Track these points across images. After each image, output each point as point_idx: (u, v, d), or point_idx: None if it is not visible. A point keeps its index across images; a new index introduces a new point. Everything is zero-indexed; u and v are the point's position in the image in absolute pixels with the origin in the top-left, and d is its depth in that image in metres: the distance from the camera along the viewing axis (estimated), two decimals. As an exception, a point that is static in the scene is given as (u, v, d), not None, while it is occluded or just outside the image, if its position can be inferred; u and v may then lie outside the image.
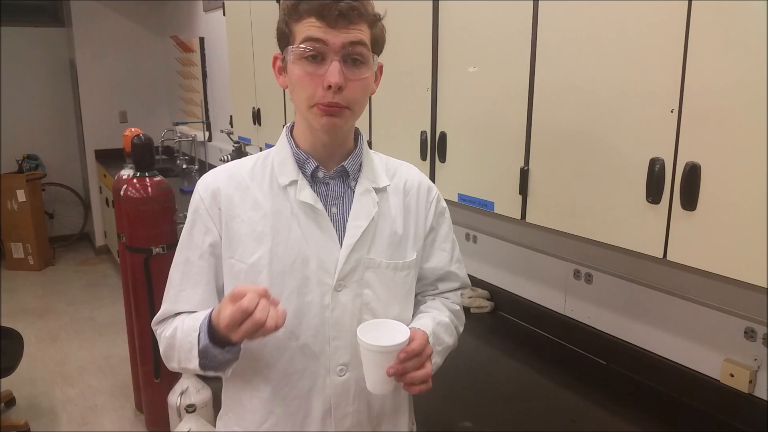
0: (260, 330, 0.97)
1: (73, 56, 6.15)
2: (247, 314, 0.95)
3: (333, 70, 1.04)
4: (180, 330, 1.13)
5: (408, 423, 1.32)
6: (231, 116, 3.87)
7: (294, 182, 1.15)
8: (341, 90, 1.05)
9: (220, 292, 1.19)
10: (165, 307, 1.21)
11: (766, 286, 1.08)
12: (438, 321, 1.23)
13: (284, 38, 1.10)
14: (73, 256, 6.47)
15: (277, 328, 0.97)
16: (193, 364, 1.10)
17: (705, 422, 1.56)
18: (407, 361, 1.05)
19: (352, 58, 1.06)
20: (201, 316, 1.11)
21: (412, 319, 1.25)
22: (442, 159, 1.86)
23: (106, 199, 5.78)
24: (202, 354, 1.08)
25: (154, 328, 1.24)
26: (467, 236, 2.43)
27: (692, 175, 1.16)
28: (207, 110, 5.30)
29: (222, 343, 1.06)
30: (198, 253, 1.17)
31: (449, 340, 1.26)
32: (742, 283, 1.13)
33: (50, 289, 5.54)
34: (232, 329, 0.98)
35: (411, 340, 1.07)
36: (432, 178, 1.90)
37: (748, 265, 1.11)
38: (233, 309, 0.96)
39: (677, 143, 1.19)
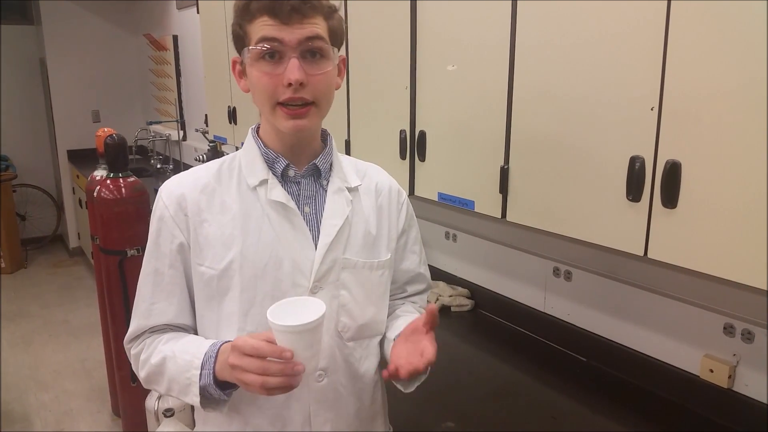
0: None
1: (44, 55, 6.03)
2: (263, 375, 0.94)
3: (292, 68, 1.01)
4: (172, 362, 1.08)
5: (384, 425, 1.32)
6: (206, 115, 3.83)
7: (264, 182, 1.12)
8: (303, 86, 1.02)
9: (192, 301, 1.16)
10: (137, 323, 1.16)
11: (747, 284, 1.09)
12: None
13: (240, 40, 1.07)
14: (46, 259, 6.36)
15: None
16: (193, 400, 1.06)
17: (685, 417, 1.57)
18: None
19: (311, 53, 1.03)
20: (195, 347, 1.07)
21: (390, 322, 1.24)
22: (422, 158, 1.85)
23: (80, 200, 5.68)
24: (202, 392, 1.05)
25: (126, 347, 1.19)
26: (447, 235, 2.42)
27: (672, 172, 1.16)
28: (181, 109, 5.23)
29: (222, 384, 1.04)
30: (167, 263, 1.13)
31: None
32: (721, 279, 1.13)
33: (23, 292, 5.44)
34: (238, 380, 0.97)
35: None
36: (411, 177, 1.89)
37: (730, 262, 1.11)
38: (253, 368, 0.94)
39: (657, 141, 1.19)
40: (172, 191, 1.13)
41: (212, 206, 1.12)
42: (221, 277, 1.10)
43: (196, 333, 1.17)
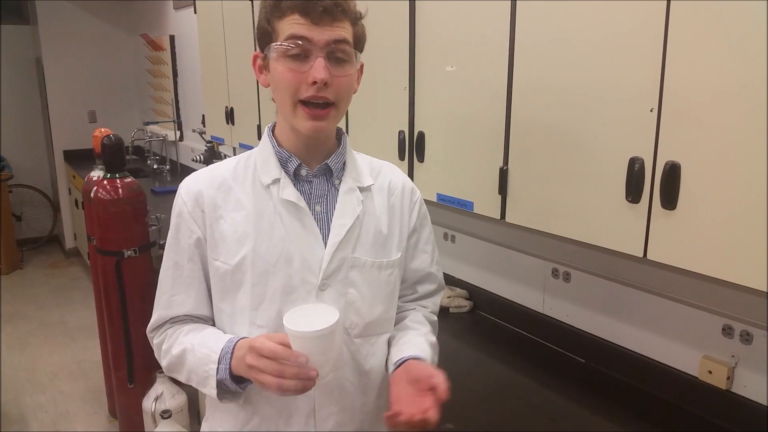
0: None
1: (40, 54, 6.01)
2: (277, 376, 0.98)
3: (318, 67, 1.03)
4: (191, 354, 1.13)
5: None
6: (203, 115, 3.82)
7: (276, 181, 1.15)
8: (326, 86, 1.05)
9: (210, 293, 1.19)
10: (159, 314, 1.20)
11: (746, 285, 1.09)
12: (430, 342, 1.25)
13: (266, 36, 1.09)
14: (43, 259, 6.34)
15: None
16: (210, 392, 1.10)
17: (683, 418, 1.57)
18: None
19: (336, 56, 1.06)
20: (213, 341, 1.11)
21: (397, 336, 1.26)
22: (421, 159, 1.85)
23: (76, 201, 5.67)
24: (219, 384, 1.09)
25: (149, 335, 1.24)
26: (445, 236, 2.42)
27: (672, 174, 1.16)
28: (178, 109, 5.22)
29: (237, 378, 1.08)
30: (186, 256, 1.17)
31: (436, 359, 1.27)
32: (720, 280, 1.14)
33: (19, 293, 5.42)
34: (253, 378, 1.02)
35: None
36: (410, 177, 1.87)
37: (729, 263, 1.11)
38: (268, 370, 0.98)
39: (657, 142, 1.19)
40: (190, 188, 1.17)
41: (228, 203, 1.15)
42: (234, 272, 1.13)
43: (214, 323, 1.21)
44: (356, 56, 1.10)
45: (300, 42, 1.03)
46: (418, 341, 1.22)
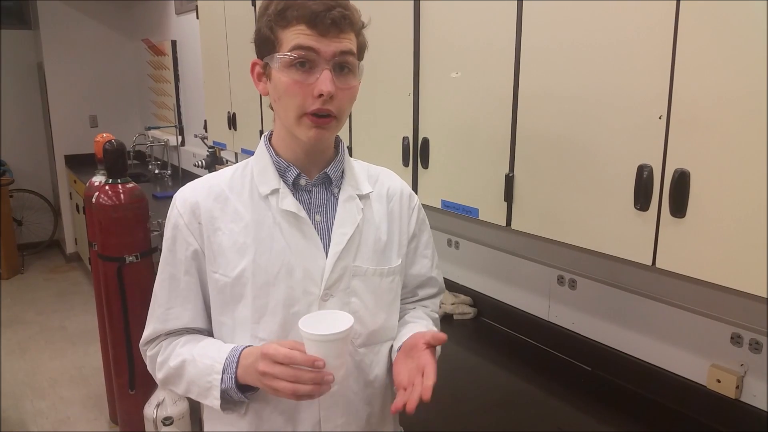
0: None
1: (41, 59, 6.02)
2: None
3: (325, 79, 1.02)
4: (191, 365, 1.11)
5: (394, 428, 1.31)
6: (205, 120, 3.82)
7: (275, 191, 1.13)
8: (331, 99, 1.03)
9: (207, 306, 1.17)
10: (153, 327, 1.18)
11: (757, 294, 1.07)
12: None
13: (268, 44, 1.07)
14: (43, 264, 6.33)
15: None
16: (213, 402, 1.08)
17: (692, 428, 1.55)
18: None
19: (340, 67, 1.05)
20: (215, 351, 1.10)
21: (399, 329, 1.24)
22: (425, 165, 1.83)
23: (77, 206, 5.66)
24: (223, 395, 1.07)
25: (142, 348, 1.21)
26: (449, 242, 2.40)
27: (681, 181, 1.15)
28: (180, 114, 5.22)
29: (242, 387, 1.07)
30: (183, 269, 1.14)
31: (439, 350, 1.25)
32: (728, 288, 1.12)
33: (19, 298, 5.40)
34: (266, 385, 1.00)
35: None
36: (415, 184, 1.87)
37: (739, 272, 1.10)
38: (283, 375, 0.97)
39: (666, 150, 1.18)
40: (186, 199, 1.15)
41: (225, 214, 1.13)
42: (234, 285, 1.11)
43: (211, 336, 1.19)
44: (359, 68, 1.09)
45: (306, 53, 1.02)
46: (417, 328, 1.21)
